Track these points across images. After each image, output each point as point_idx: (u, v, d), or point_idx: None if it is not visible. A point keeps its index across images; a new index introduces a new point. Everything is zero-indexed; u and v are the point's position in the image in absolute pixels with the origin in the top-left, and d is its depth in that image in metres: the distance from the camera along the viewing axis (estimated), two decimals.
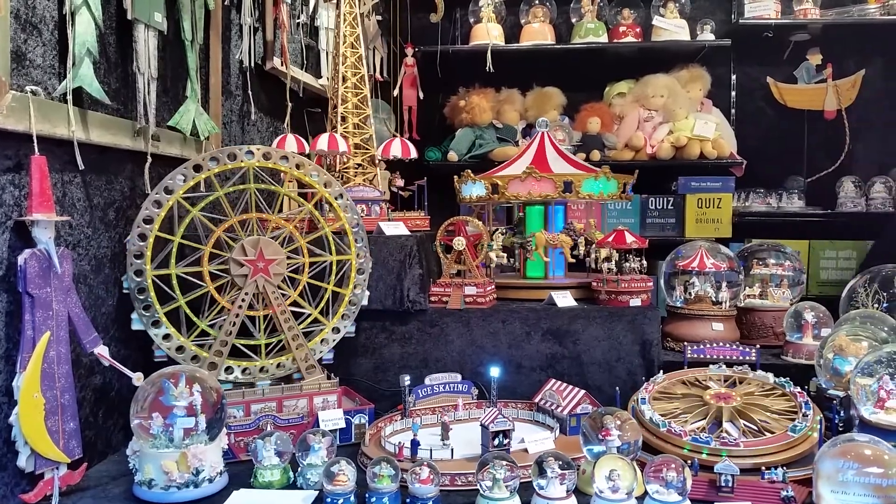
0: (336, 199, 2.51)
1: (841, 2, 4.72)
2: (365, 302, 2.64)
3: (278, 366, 2.48)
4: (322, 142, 2.92)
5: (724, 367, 2.59)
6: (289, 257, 2.44)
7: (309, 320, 2.54)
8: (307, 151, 3.04)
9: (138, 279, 2.24)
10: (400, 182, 3.49)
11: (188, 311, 2.34)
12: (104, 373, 2.30)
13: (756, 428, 2.25)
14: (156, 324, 2.29)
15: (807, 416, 2.26)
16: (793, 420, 2.25)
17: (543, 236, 3.17)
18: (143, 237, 2.23)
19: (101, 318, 2.30)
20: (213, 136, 2.84)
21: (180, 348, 2.33)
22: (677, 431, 2.21)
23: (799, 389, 2.42)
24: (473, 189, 3.26)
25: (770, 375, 2.51)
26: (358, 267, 2.58)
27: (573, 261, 3.21)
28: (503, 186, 3.13)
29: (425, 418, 2.53)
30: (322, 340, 2.55)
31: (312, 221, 2.61)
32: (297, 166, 2.43)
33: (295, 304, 2.50)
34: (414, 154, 3.27)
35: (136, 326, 2.30)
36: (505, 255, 3.13)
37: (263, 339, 2.50)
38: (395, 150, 3.21)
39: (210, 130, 2.75)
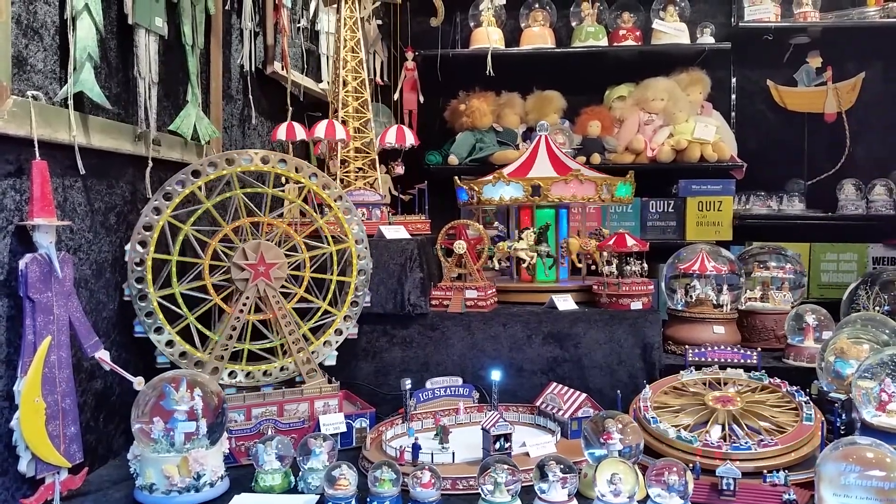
0: (323, 189, 2.50)
1: (840, 5, 4.72)
2: (367, 302, 2.64)
3: (281, 369, 2.48)
4: (320, 129, 2.92)
5: (741, 371, 2.58)
6: (287, 254, 2.43)
7: (319, 313, 2.54)
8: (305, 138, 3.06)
9: (139, 268, 2.24)
10: (400, 169, 3.48)
11: (199, 325, 2.35)
12: (105, 377, 2.30)
13: (757, 430, 2.25)
14: (158, 330, 2.29)
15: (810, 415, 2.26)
16: (796, 422, 2.25)
17: (577, 242, 3.18)
18: (143, 244, 2.24)
19: (102, 323, 2.30)
20: (213, 141, 2.85)
21: (183, 353, 2.33)
22: (686, 438, 2.21)
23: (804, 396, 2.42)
24: (504, 190, 3.20)
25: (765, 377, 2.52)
26: (358, 253, 2.57)
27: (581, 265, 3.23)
28: (545, 189, 3.12)
29: (425, 422, 2.53)
30: (325, 343, 2.55)
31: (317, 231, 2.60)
32: (325, 186, 2.46)
33: (302, 300, 2.51)
34: (411, 140, 3.24)
35: (138, 332, 2.30)
36: (534, 254, 3.14)
37: (277, 341, 2.50)
38: (390, 137, 3.20)
39: (211, 135, 2.75)
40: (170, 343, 2.31)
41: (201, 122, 2.69)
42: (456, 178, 3.45)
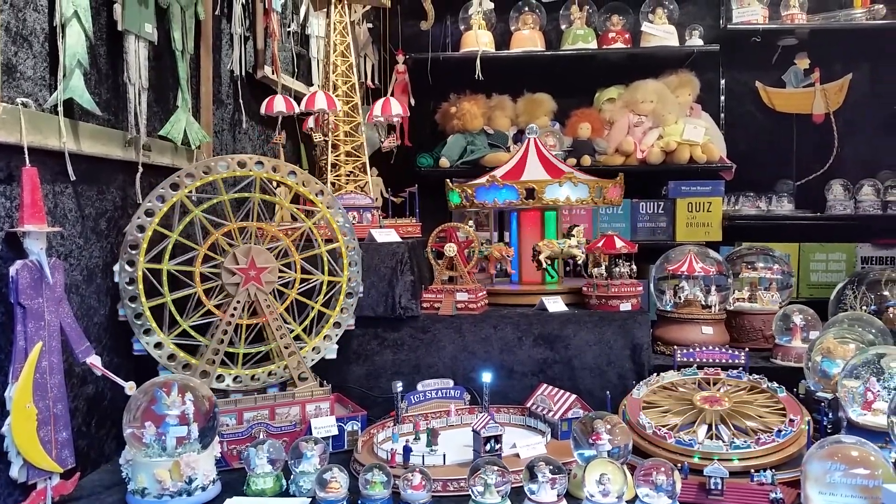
0: (336, 220, 2.52)
1: (827, 7, 4.77)
2: (351, 322, 2.65)
3: (270, 374, 2.49)
4: (306, 102, 2.96)
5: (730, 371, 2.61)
6: (281, 271, 2.45)
7: (313, 314, 2.56)
8: (296, 111, 3.08)
9: (130, 269, 2.25)
10: (395, 142, 3.51)
11: (173, 308, 2.35)
12: (97, 382, 2.31)
13: (743, 429, 2.27)
14: (147, 332, 2.30)
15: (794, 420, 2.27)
16: (782, 422, 2.27)
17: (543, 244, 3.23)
18: (141, 228, 2.26)
19: (93, 328, 2.31)
20: (204, 146, 2.85)
21: (172, 356, 2.34)
22: (662, 434, 2.23)
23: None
24: (498, 194, 3.22)
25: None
26: (348, 291, 2.59)
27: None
28: (539, 191, 3.14)
29: (405, 427, 2.54)
30: (325, 337, 2.57)
31: (308, 236, 2.61)
32: (304, 183, 2.46)
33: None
34: (398, 110, 3.22)
35: (137, 349, 2.31)
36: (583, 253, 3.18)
37: (269, 346, 2.51)
38: (377, 110, 3.21)
39: (201, 139, 2.76)
40: (172, 357, 2.33)
41: (191, 127, 2.70)
42: (448, 181, 3.46)
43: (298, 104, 3.03)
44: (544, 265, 3.21)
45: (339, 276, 2.57)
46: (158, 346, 2.31)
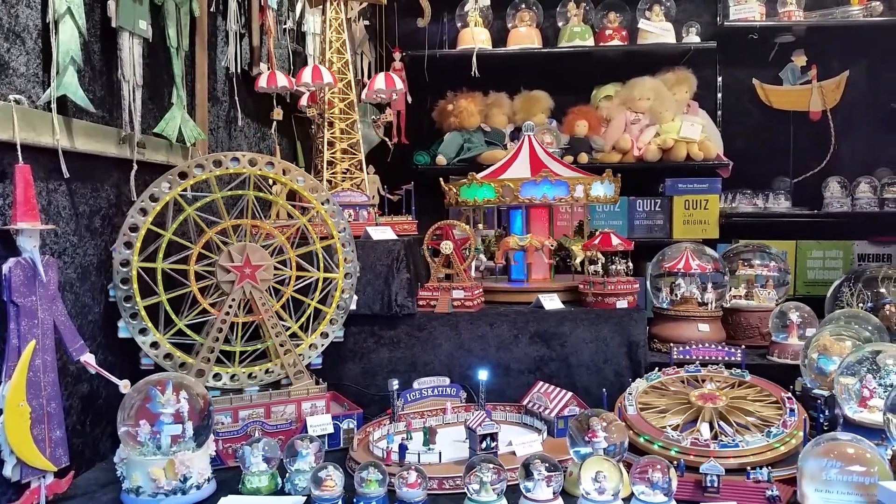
0: (330, 217, 2.51)
1: (824, 4, 4.77)
2: (353, 306, 2.65)
3: (266, 371, 2.48)
4: (306, 74, 2.95)
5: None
6: (276, 268, 2.44)
7: (309, 311, 2.55)
8: (295, 87, 3.10)
9: (124, 269, 2.24)
10: (389, 118, 3.52)
11: (168, 307, 2.35)
12: (91, 381, 2.30)
13: (737, 428, 2.27)
14: (143, 332, 2.29)
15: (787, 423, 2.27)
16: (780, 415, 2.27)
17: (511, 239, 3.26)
18: (135, 227, 2.25)
19: (87, 326, 2.30)
20: (199, 143, 2.84)
21: (168, 355, 2.33)
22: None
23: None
24: (478, 192, 3.23)
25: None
26: (343, 287, 2.58)
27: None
28: (515, 189, 3.14)
29: (397, 426, 2.53)
30: (311, 346, 2.55)
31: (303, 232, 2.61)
32: (296, 179, 2.45)
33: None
34: (400, 85, 3.23)
35: (122, 334, 2.30)
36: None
37: (265, 344, 2.50)
38: (379, 83, 3.20)
39: (196, 137, 2.75)
40: (155, 344, 2.32)
41: (186, 125, 2.69)
42: (442, 180, 3.46)
43: (290, 100, 3.03)
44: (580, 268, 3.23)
45: (335, 272, 2.56)
46: (154, 345, 2.30)
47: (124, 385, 2.11)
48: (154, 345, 2.31)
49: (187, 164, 2.32)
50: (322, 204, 2.51)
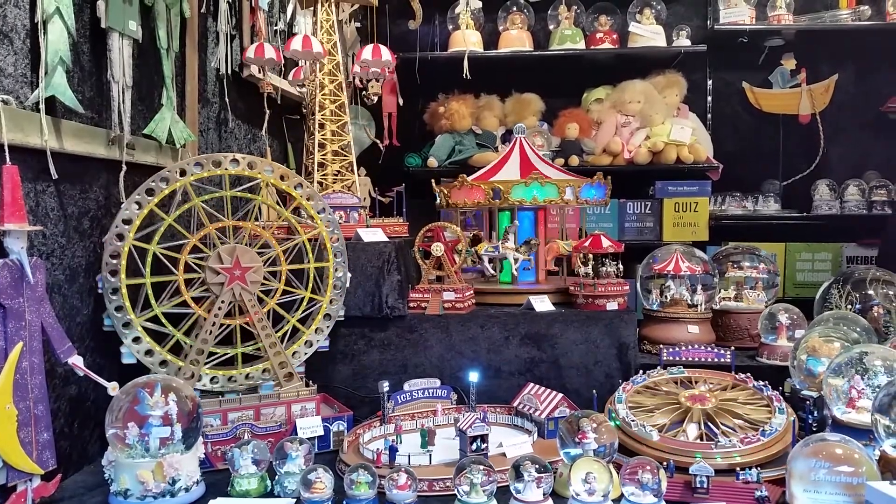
0: (318, 213, 2.50)
1: (813, 8, 4.80)
2: (342, 314, 2.64)
3: (247, 376, 2.46)
4: (296, 42, 2.93)
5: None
6: (260, 252, 2.42)
7: (286, 328, 2.53)
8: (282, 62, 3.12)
9: (118, 242, 2.22)
10: (376, 91, 3.54)
11: (186, 340, 2.35)
12: (79, 383, 2.29)
13: (728, 428, 2.27)
14: (127, 325, 2.28)
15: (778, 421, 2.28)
16: (765, 423, 2.27)
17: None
18: (139, 205, 2.24)
19: (75, 328, 2.29)
20: (189, 144, 2.83)
21: (149, 351, 2.32)
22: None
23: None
24: (469, 194, 3.24)
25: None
26: (327, 312, 2.58)
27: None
28: (505, 192, 3.14)
29: (388, 428, 2.53)
30: (294, 353, 2.54)
31: (290, 229, 2.60)
32: (282, 177, 2.44)
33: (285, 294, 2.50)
34: (387, 56, 3.23)
35: (107, 326, 2.28)
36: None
37: (269, 340, 2.49)
38: (367, 54, 3.20)
39: (186, 138, 2.74)
40: (137, 339, 2.30)
41: (176, 126, 2.68)
42: (463, 176, 3.44)
43: (281, 102, 3.02)
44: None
45: (321, 295, 2.56)
46: (127, 325, 2.27)
47: (112, 387, 2.10)
48: (127, 325, 2.28)
49: (204, 157, 2.32)
50: (317, 212, 2.50)
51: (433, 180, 3.51)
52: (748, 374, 2.57)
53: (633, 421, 2.30)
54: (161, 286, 2.34)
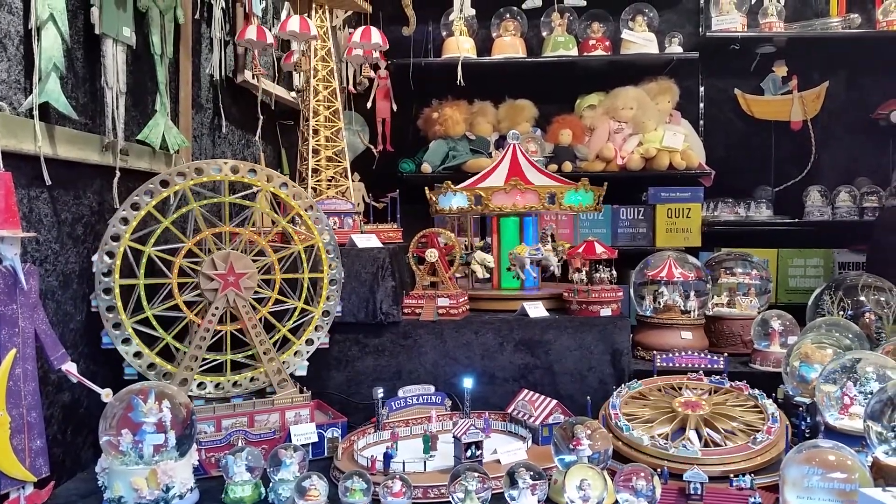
0: (312, 220, 2.51)
1: (805, 15, 4.83)
2: (339, 312, 2.64)
3: (252, 380, 2.46)
4: (292, 23, 2.93)
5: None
6: (255, 259, 2.42)
7: (277, 336, 2.52)
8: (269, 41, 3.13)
9: (114, 244, 2.22)
10: (371, 74, 3.55)
11: (177, 344, 2.35)
12: (73, 390, 2.28)
13: (721, 436, 2.28)
14: (123, 335, 2.27)
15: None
16: (759, 429, 2.28)
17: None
18: (136, 206, 2.23)
19: (69, 335, 2.28)
20: (183, 150, 2.83)
21: (138, 353, 2.31)
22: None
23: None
24: (453, 200, 3.26)
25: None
26: (329, 289, 2.57)
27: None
28: (486, 198, 3.16)
29: (382, 434, 2.53)
30: (296, 353, 2.54)
31: (285, 235, 2.60)
32: (268, 179, 2.43)
33: (277, 303, 2.50)
34: (378, 39, 3.25)
35: (105, 343, 2.28)
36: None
37: (263, 346, 2.48)
38: (357, 37, 3.22)
39: (180, 144, 2.74)
40: (138, 354, 2.29)
41: (170, 132, 2.68)
42: (448, 183, 3.44)
43: (275, 107, 3.02)
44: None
45: (314, 306, 2.56)
46: (117, 326, 2.26)
47: (106, 394, 2.09)
48: (117, 326, 2.27)
49: (204, 162, 2.32)
50: (311, 220, 2.50)
51: (427, 186, 3.51)
52: (724, 375, 2.60)
53: (626, 426, 2.31)
54: (153, 289, 2.34)
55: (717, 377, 2.60)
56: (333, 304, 2.59)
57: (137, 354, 2.30)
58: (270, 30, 3.81)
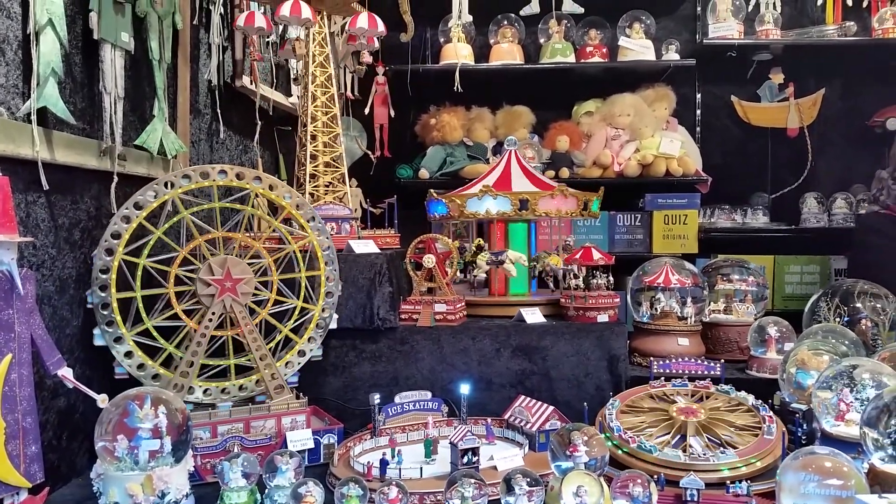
0: (308, 221, 2.50)
1: (800, 23, 4.86)
2: (333, 325, 2.63)
3: (241, 388, 2.45)
4: (285, 8, 2.91)
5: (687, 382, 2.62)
6: (251, 262, 2.42)
7: (278, 338, 2.52)
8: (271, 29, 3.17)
9: (107, 257, 2.21)
10: (368, 59, 3.58)
11: (179, 353, 2.35)
12: (68, 395, 2.27)
13: (719, 442, 2.28)
14: (118, 340, 2.27)
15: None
16: (756, 435, 2.28)
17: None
18: (127, 219, 2.23)
19: (65, 340, 2.28)
20: (180, 155, 2.83)
21: (141, 365, 2.31)
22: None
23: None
24: (491, 204, 3.22)
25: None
26: (319, 321, 2.57)
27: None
28: (533, 203, 3.17)
29: (380, 440, 2.53)
30: (287, 363, 2.54)
31: (282, 240, 2.60)
32: (270, 187, 2.43)
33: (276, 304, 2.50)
34: (381, 28, 3.25)
35: (98, 342, 2.27)
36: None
37: (259, 352, 2.48)
38: (362, 21, 3.20)
39: (178, 149, 2.74)
40: (141, 367, 2.29)
41: (168, 137, 2.68)
42: (431, 191, 3.45)
43: (274, 113, 3.02)
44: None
45: (314, 304, 2.55)
46: (118, 340, 2.26)
47: (102, 399, 2.09)
48: (118, 339, 2.27)
49: (191, 169, 2.32)
50: (307, 221, 2.50)
51: (431, 190, 3.51)
52: (708, 381, 2.60)
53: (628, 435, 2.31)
54: (152, 300, 2.34)
55: (702, 382, 2.61)
56: (332, 302, 2.59)
57: (141, 367, 2.30)
58: (269, 36, 3.83)
